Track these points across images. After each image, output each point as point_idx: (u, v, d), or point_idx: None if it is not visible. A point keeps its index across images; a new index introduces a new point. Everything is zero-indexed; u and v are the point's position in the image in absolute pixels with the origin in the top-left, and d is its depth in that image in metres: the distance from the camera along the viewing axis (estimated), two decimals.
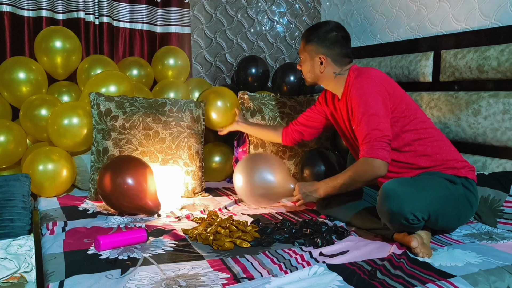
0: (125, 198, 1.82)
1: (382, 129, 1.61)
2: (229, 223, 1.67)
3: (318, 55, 1.81)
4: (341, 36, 1.81)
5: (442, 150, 1.71)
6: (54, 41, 2.33)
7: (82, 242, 1.52)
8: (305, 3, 3.38)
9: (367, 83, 1.68)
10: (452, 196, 1.59)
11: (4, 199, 1.75)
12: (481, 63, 2.10)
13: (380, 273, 1.30)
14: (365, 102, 1.65)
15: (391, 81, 1.75)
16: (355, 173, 1.65)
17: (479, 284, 1.25)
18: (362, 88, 1.68)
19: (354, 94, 1.69)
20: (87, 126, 2.16)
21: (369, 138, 1.61)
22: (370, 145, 1.61)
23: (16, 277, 1.43)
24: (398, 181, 1.54)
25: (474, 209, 1.68)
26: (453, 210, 1.60)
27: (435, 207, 1.52)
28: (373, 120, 1.62)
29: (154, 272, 1.28)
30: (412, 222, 1.48)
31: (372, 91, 1.66)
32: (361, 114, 1.65)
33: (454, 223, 1.67)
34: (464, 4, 2.31)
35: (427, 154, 1.70)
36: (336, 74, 1.82)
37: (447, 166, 1.68)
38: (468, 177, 1.67)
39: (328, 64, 1.81)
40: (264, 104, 2.40)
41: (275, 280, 1.22)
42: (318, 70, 1.83)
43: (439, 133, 1.76)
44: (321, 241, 1.54)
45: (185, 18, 2.89)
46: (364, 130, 1.63)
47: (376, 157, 1.59)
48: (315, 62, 1.83)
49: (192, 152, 2.25)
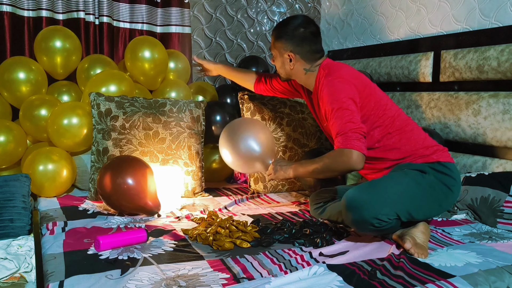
0: (125, 198, 1.82)
1: (355, 122, 1.60)
2: (229, 223, 1.67)
3: (286, 52, 1.79)
4: (309, 32, 1.77)
5: (411, 140, 1.70)
6: (54, 41, 2.33)
7: (82, 242, 1.52)
8: (305, 3, 3.38)
9: (338, 82, 1.67)
10: (421, 187, 1.58)
11: (4, 199, 1.75)
12: (481, 63, 2.10)
13: (380, 273, 1.30)
14: (336, 99, 1.63)
15: (361, 77, 1.75)
16: (330, 162, 1.63)
17: (479, 284, 1.24)
18: (332, 86, 1.67)
19: (325, 93, 1.68)
20: (87, 126, 2.16)
21: (343, 130, 1.59)
22: (345, 137, 1.59)
23: (16, 277, 1.43)
24: (358, 188, 1.56)
25: (455, 191, 1.66)
26: (428, 200, 1.60)
27: (402, 205, 1.53)
28: (345, 114, 1.61)
29: (154, 272, 1.28)
30: (379, 225, 1.49)
31: (342, 88, 1.65)
32: (334, 110, 1.63)
33: (436, 210, 1.66)
34: (464, 4, 2.31)
35: (396, 148, 1.70)
36: (306, 71, 1.80)
37: (416, 155, 1.68)
38: (441, 160, 1.66)
39: (297, 61, 1.79)
40: (264, 104, 2.40)
41: (275, 280, 1.22)
42: (288, 67, 1.82)
43: (408, 123, 1.74)
44: (321, 241, 1.54)
45: (185, 18, 2.89)
46: (337, 124, 1.61)
47: (352, 147, 1.57)
48: (285, 59, 1.81)
49: (192, 152, 2.25)
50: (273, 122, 2.39)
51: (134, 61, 2.42)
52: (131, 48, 2.44)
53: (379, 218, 1.48)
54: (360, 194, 1.53)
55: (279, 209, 2.07)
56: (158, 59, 2.45)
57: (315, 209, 1.91)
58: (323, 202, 1.90)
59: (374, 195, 1.52)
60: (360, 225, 1.52)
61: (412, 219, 1.57)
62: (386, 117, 1.71)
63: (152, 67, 2.44)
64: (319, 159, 1.69)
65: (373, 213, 1.48)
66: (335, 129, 1.63)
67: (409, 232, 1.53)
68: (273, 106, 2.42)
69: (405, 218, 1.55)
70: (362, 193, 1.53)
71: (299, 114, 2.45)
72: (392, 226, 1.54)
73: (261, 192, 2.36)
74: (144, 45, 2.43)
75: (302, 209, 2.07)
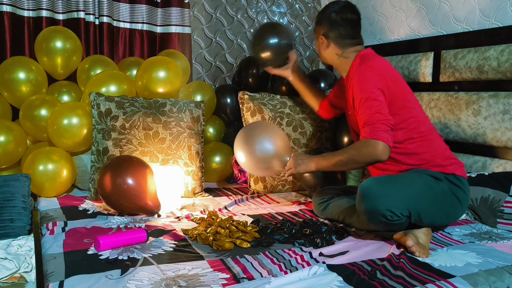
0: (125, 198, 1.82)
1: (383, 113, 1.59)
2: (229, 223, 1.67)
3: (319, 36, 1.86)
4: (342, 17, 1.81)
5: (431, 149, 1.70)
6: (54, 41, 2.33)
7: (82, 242, 1.52)
8: (305, 3, 3.38)
9: (369, 71, 1.67)
10: (433, 192, 1.58)
11: (4, 199, 1.75)
12: (481, 63, 2.10)
13: (380, 273, 1.30)
14: (366, 88, 1.63)
15: (394, 73, 1.74)
16: (355, 153, 1.62)
17: (479, 284, 1.25)
18: (363, 75, 1.67)
19: (355, 81, 1.68)
20: (87, 126, 2.16)
21: (371, 120, 1.59)
22: (372, 127, 1.58)
23: (16, 277, 1.43)
24: (374, 180, 1.56)
25: (464, 205, 1.67)
26: (437, 207, 1.60)
27: (415, 204, 1.52)
28: (374, 105, 1.60)
29: (154, 272, 1.28)
30: (391, 219, 1.49)
31: (371, 77, 1.65)
32: (363, 100, 1.62)
33: (442, 219, 1.66)
34: (464, 4, 2.31)
35: (415, 153, 1.69)
36: (338, 56, 1.84)
37: (432, 164, 1.68)
38: (456, 173, 1.66)
39: (329, 45, 1.84)
40: (264, 104, 2.40)
41: (275, 280, 1.22)
42: (322, 51, 1.88)
43: (431, 132, 1.74)
44: (321, 241, 1.54)
45: (185, 18, 2.89)
46: (366, 114, 1.61)
47: (378, 139, 1.56)
48: (320, 43, 1.88)
49: (192, 152, 2.25)
50: (273, 122, 2.39)
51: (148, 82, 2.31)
52: (145, 67, 2.33)
53: (392, 211, 1.48)
54: (376, 185, 1.52)
55: (279, 209, 2.07)
56: (172, 78, 2.33)
57: (319, 205, 1.91)
58: (327, 198, 1.90)
59: (390, 189, 1.51)
60: (372, 215, 1.51)
61: (419, 221, 1.56)
62: (412, 120, 1.70)
63: (166, 88, 2.33)
64: (342, 151, 1.70)
65: (387, 205, 1.47)
66: (362, 119, 1.62)
67: (412, 231, 1.54)
68: (273, 106, 2.42)
69: (414, 218, 1.54)
70: (378, 184, 1.53)
71: (299, 114, 2.45)
72: (402, 223, 1.53)
73: (261, 192, 2.36)
74: (158, 65, 2.31)
75: (302, 209, 2.07)
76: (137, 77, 2.35)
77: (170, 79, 2.32)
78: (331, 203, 1.86)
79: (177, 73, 2.36)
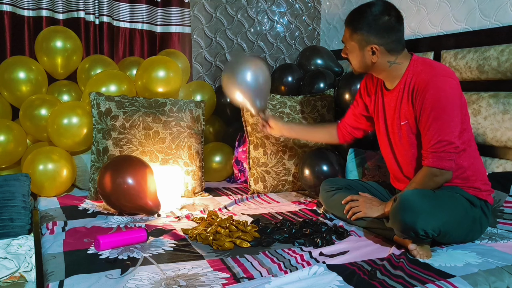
0: (125, 197, 1.82)
1: (452, 140, 1.51)
2: (229, 223, 1.67)
3: (369, 45, 1.61)
4: (395, 19, 1.60)
5: (474, 166, 1.63)
6: (55, 41, 2.33)
7: (82, 241, 1.52)
8: (305, 3, 3.38)
9: (450, 86, 1.53)
10: (468, 218, 1.55)
11: (4, 198, 1.75)
12: (481, 63, 2.10)
13: (380, 273, 1.30)
14: (443, 106, 1.52)
15: None
16: (423, 186, 1.55)
17: (479, 284, 1.25)
18: (443, 90, 1.52)
19: (432, 94, 1.53)
20: (87, 125, 2.16)
21: (437, 147, 1.52)
22: (438, 156, 1.52)
23: (16, 277, 1.43)
24: (419, 193, 1.47)
25: (483, 231, 1.65)
26: (464, 230, 1.56)
27: (448, 227, 1.47)
28: (444, 128, 1.51)
29: (154, 272, 1.28)
30: (422, 237, 1.44)
31: (452, 95, 1.53)
32: (434, 119, 1.53)
33: (458, 240, 1.60)
34: (464, 4, 2.31)
35: (461, 166, 1.60)
36: (391, 64, 1.64)
37: (471, 185, 1.61)
38: (488, 201, 1.63)
39: (382, 53, 1.62)
40: None
41: (275, 280, 1.22)
42: (370, 61, 1.64)
43: (476, 149, 1.67)
44: (321, 241, 1.54)
45: (185, 18, 2.89)
46: (434, 137, 1.53)
47: (443, 168, 1.52)
48: (366, 52, 1.63)
49: (192, 152, 2.25)
50: None
51: (148, 81, 2.31)
52: (144, 67, 2.33)
53: (427, 231, 1.41)
54: (419, 200, 1.43)
55: (279, 208, 2.07)
56: (172, 78, 2.34)
57: (327, 192, 1.88)
58: (336, 187, 1.89)
59: (432, 209, 1.44)
60: (405, 228, 1.43)
61: (438, 239, 1.51)
62: (465, 132, 1.60)
63: (166, 87, 2.33)
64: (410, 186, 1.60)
65: (426, 224, 1.40)
66: (429, 141, 1.55)
67: None
68: (273, 106, 2.42)
69: (438, 237, 1.48)
70: (422, 199, 1.44)
71: (299, 114, 2.45)
72: (427, 242, 1.47)
73: (261, 192, 2.36)
74: (157, 64, 2.31)
75: (302, 209, 2.07)
76: (137, 77, 2.36)
77: (170, 79, 2.33)
78: (337, 193, 1.85)
79: (177, 73, 2.36)
